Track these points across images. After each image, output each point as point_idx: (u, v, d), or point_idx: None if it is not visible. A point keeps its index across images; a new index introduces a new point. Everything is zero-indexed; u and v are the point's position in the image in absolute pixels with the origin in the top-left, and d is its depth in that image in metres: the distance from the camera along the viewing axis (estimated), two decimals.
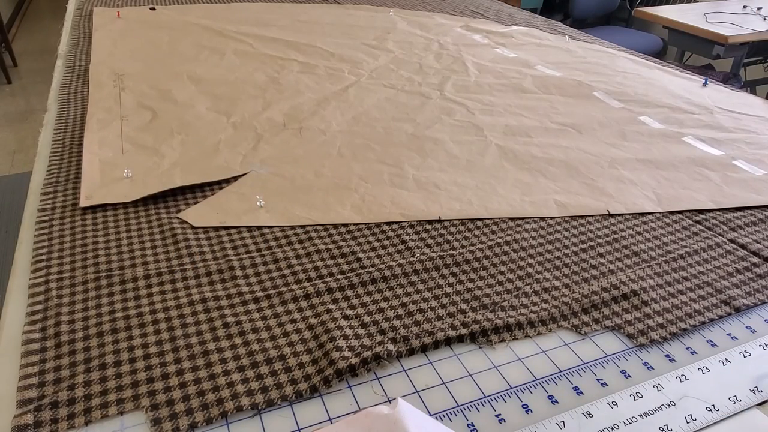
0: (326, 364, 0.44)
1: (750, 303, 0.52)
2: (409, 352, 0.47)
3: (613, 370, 0.45)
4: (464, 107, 0.95)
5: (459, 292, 0.53)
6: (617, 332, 0.49)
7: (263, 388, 0.43)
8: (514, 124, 0.89)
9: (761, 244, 0.61)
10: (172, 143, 0.80)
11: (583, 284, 0.55)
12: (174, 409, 0.41)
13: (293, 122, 0.88)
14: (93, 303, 0.51)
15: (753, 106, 0.98)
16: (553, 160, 0.78)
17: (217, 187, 0.70)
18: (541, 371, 0.45)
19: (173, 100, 0.95)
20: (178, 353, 0.46)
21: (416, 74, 1.10)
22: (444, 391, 0.43)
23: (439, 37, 1.32)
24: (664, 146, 0.83)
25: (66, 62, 1.13)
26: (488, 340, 0.48)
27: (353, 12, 1.52)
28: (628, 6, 3.64)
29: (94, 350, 0.46)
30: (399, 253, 0.58)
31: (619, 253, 0.59)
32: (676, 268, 0.57)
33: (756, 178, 0.75)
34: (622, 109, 0.96)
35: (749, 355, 0.47)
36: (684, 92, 1.03)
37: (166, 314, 0.50)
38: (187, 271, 0.55)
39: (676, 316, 0.51)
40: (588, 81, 1.07)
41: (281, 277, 0.55)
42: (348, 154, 0.79)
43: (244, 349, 0.46)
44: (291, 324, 0.49)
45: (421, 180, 0.72)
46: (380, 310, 0.51)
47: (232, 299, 0.52)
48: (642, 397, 0.42)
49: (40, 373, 0.44)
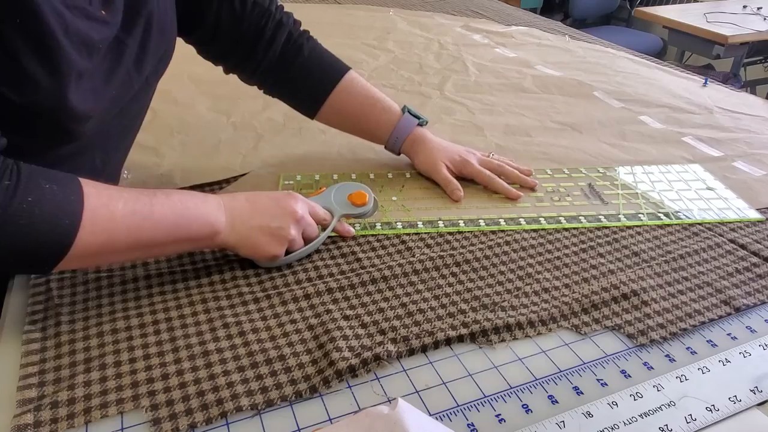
0: (326, 365, 0.44)
1: (750, 303, 0.52)
2: (409, 352, 0.46)
3: (613, 370, 0.45)
4: (464, 107, 0.95)
5: (459, 292, 0.53)
6: (617, 332, 0.49)
7: (263, 389, 0.43)
8: (514, 124, 0.89)
9: (761, 244, 0.61)
10: (172, 143, 0.80)
11: (583, 284, 0.54)
12: (174, 409, 0.41)
13: (293, 122, 0.88)
14: (93, 303, 0.51)
15: (753, 106, 0.98)
16: (553, 160, 0.78)
17: (217, 187, 0.70)
18: (541, 371, 0.45)
19: (173, 100, 0.95)
20: (178, 353, 0.46)
21: (416, 74, 1.10)
22: (444, 391, 0.43)
23: (439, 37, 1.32)
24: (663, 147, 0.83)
25: None
26: (488, 340, 0.48)
27: (353, 12, 1.52)
28: (628, 6, 3.65)
29: (94, 350, 0.46)
30: (399, 253, 0.58)
31: (619, 253, 0.59)
32: (676, 268, 0.57)
33: (756, 179, 0.75)
34: (622, 108, 0.96)
35: (749, 355, 0.47)
36: (684, 92, 1.03)
37: (167, 314, 0.50)
38: (187, 271, 0.55)
39: (676, 316, 0.50)
40: (588, 81, 1.07)
41: (281, 277, 0.55)
42: (348, 154, 0.79)
43: (243, 349, 0.46)
44: (291, 324, 0.49)
45: None
46: (380, 310, 0.51)
47: (232, 299, 0.52)
48: (642, 397, 0.42)
49: (40, 372, 0.44)
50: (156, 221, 0.48)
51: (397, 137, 0.73)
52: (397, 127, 0.73)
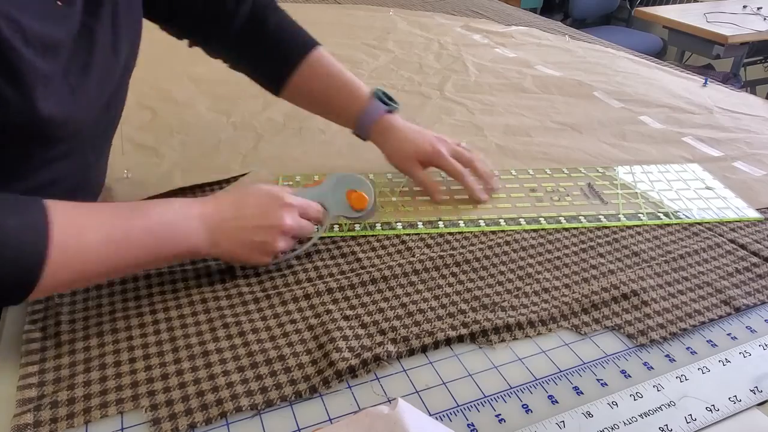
0: (326, 365, 0.44)
1: (750, 303, 0.52)
2: (409, 353, 0.46)
3: (613, 370, 0.45)
4: (464, 107, 0.95)
5: (459, 292, 0.53)
6: (617, 332, 0.49)
7: (263, 389, 0.43)
8: (514, 124, 0.89)
9: (761, 244, 0.61)
10: (172, 143, 0.80)
11: (583, 284, 0.54)
12: (173, 409, 0.41)
13: (293, 122, 0.88)
14: (93, 303, 0.51)
15: (753, 106, 0.98)
16: (553, 160, 0.78)
17: (217, 187, 0.70)
18: (541, 371, 0.45)
19: (173, 100, 0.95)
20: (177, 353, 0.46)
21: (416, 74, 1.10)
22: (444, 391, 0.43)
23: (439, 37, 1.32)
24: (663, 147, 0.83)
25: None
26: (488, 340, 0.48)
27: (353, 12, 1.52)
28: (628, 6, 3.65)
29: (94, 350, 0.46)
30: (399, 253, 0.58)
31: (619, 253, 0.59)
32: (676, 268, 0.57)
33: (756, 179, 0.75)
34: (622, 109, 0.96)
35: (749, 355, 0.47)
36: (684, 92, 1.03)
37: (166, 314, 0.50)
38: (187, 271, 0.55)
39: (676, 316, 0.50)
40: (588, 81, 1.07)
41: (281, 277, 0.55)
42: (348, 154, 0.79)
43: (243, 349, 0.46)
44: (291, 324, 0.49)
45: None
46: (380, 310, 0.51)
47: (232, 299, 0.52)
48: (642, 397, 0.42)
49: (40, 372, 0.44)
50: (132, 246, 0.46)
51: (363, 122, 0.69)
52: (364, 111, 0.68)
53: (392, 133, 0.68)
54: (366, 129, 0.69)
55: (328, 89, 0.69)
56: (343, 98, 0.69)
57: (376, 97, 0.69)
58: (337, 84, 0.69)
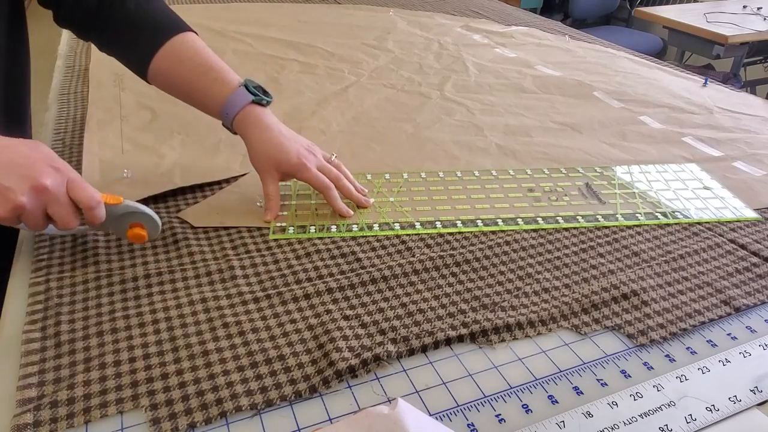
0: (326, 365, 0.44)
1: (750, 303, 0.52)
2: (409, 353, 0.46)
3: (613, 370, 0.45)
4: (464, 107, 0.95)
5: (459, 292, 0.53)
6: (617, 332, 0.49)
7: (262, 388, 0.43)
8: (514, 124, 0.89)
9: (761, 244, 0.61)
10: (172, 143, 0.80)
11: (583, 284, 0.54)
12: (173, 408, 0.41)
13: (293, 122, 0.88)
14: (93, 303, 0.51)
15: (753, 106, 0.98)
16: (553, 160, 0.78)
17: (217, 187, 0.70)
18: (541, 371, 0.45)
19: (173, 100, 0.94)
20: (177, 353, 0.46)
21: (416, 74, 1.10)
22: (444, 391, 0.43)
23: (439, 37, 1.32)
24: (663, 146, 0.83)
25: (66, 62, 1.13)
26: (488, 340, 0.48)
27: (353, 12, 1.52)
28: (628, 6, 3.65)
29: (93, 350, 0.46)
30: (399, 253, 0.58)
31: (619, 253, 0.59)
32: (676, 268, 0.57)
33: (756, 179, 0.75)
34: (622, 109, 0.96)
35: (749, 355, 0.47)
36: (684, 92, 1.03)
37: (166, 314, 0.50)
38: (187, 271, 0.55)
39: (676, 316, 0.50)
40: (588, 81, 1.07)
41: (281, 277, 0.55)
42: (348, 154, 0.79)
43: (243, 349, 0.46)
44: (291, 324, 0.49)
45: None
46: (380, 310, 0.51)
47: (232, 299, 0.52)
48: (642, 397, 0.42)
49: (40, 372, 0.44)
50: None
51: (226, 113, 0.63)
52: (227, 100, 0.63)
53: (258, 130, 0.63)
54: (230, 120, 0.64)
55: (191, 77, 0.65)
56: (208, 87, 0.64)
57: (244, 87, 0.64)
58: (202, 69, 0.64)
